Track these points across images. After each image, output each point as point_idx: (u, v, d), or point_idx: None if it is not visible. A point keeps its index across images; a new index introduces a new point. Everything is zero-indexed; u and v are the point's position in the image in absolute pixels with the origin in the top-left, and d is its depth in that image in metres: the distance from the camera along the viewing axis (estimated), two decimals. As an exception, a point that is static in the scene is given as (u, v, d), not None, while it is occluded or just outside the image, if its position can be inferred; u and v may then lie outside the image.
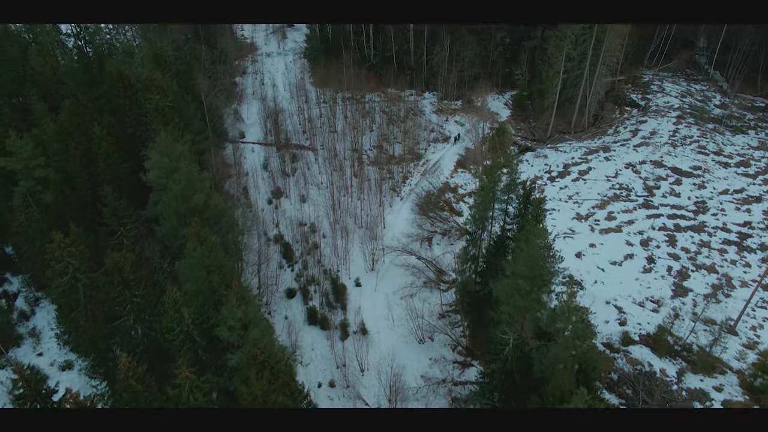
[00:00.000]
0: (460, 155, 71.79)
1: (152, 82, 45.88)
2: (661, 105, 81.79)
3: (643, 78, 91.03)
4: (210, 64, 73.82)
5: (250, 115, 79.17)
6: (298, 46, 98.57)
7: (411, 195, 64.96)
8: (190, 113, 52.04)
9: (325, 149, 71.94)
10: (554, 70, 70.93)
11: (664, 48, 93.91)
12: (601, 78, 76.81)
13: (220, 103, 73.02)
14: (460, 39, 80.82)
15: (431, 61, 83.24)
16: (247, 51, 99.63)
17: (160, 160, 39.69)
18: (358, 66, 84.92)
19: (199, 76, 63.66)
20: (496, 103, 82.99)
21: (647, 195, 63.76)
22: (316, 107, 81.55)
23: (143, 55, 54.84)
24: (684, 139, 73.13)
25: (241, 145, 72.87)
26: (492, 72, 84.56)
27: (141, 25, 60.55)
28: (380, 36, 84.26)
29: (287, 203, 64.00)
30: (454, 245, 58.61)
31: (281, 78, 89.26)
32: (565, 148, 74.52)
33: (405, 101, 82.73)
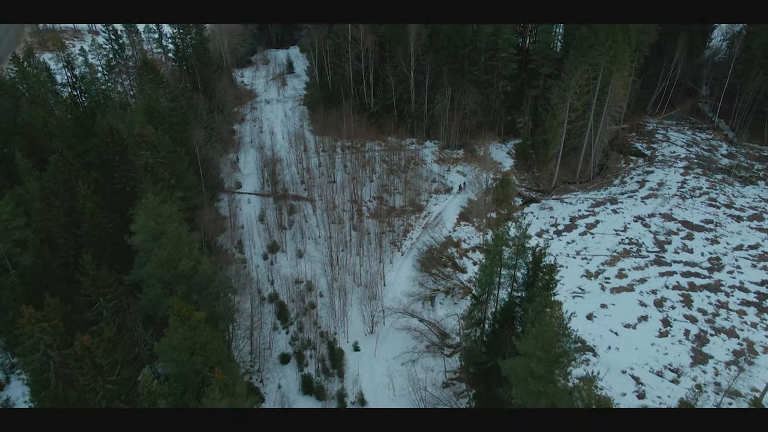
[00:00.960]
0: (463, 207, 69.55)
1: (143, 138, 43.93)
2: (668, 155, 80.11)
3: (647, 126, 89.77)
4: (207, 113, 72.47)
5: (248, 164, 77.41)
6: (297, 94, 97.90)
7: (412, 250, 62.37)
8: (183, 168, 50.03)
9: (323, 200, 69.78)
10: (558, 120, 69.46)
11: (667, 96, 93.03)
12: (605, 127, 75.33)
13: (217, 153, 71.34)
14: (462, 87, 79.80)
15: (432, 109, 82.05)
16: (246, 98, 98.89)
17: (146, 224, 37.29)
18: (358, 114, 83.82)
19: (194, 129, 62.04)
20: (498, 152, 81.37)
21: (658, 250, 61.17)
22: (315, 156, 79.88)
23: (136, 108, 53.24)
24: (693, 190, 71.06)
25: (238, 196, 70.75)
26: (494, 120, 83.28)
27: (137, 75, 59.21)
28: (381, 84, 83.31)
29: (283, 259, 61.34)
30: (458, 304, 55.69)
31: (280, 126, 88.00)
32: (570, 199, 72.36)
33: (406, 150, 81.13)
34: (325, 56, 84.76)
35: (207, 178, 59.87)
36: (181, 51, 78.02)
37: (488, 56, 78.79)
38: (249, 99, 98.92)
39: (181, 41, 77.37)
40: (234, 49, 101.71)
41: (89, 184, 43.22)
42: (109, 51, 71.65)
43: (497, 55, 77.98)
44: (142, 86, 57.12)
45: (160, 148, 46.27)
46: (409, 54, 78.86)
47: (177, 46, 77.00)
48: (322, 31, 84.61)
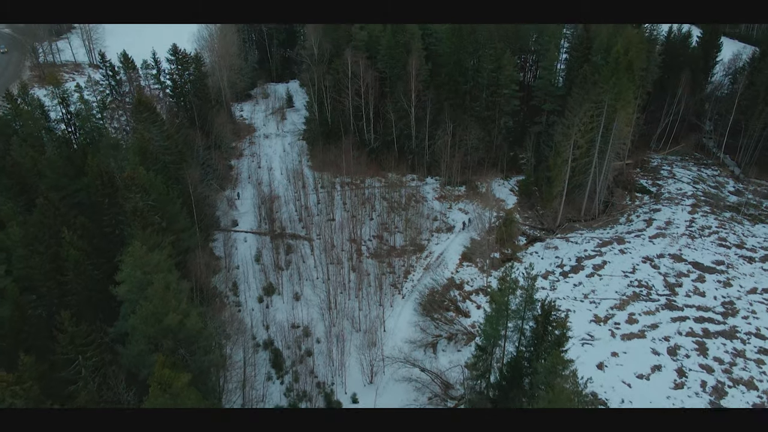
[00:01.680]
0: (466, 247, 67.48)
1: (133, 180, 42.17)
2: (674, 192, 78.44)
3: (652, 162, 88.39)
4: (204, 150, 71.06)
5: (245, 201, 75.65)
6: (296, 128, 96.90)
7: (413, 293, 60.06)
8: (175, 210, 48.16)
9: (322, 240, 67.75)
10: (562, 158, 67.96)
11: (671, 131, 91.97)
12: (609, 164, 73.83)
13: (213, 190, 69.62)
14: (463, 123, 78.64)
15: (433, 145, 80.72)
16: (245, 132, 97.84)
17: (131, 274, 35.18)
18: (358, 150, 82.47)
19: (189, 167, 60.46)
20: (501, 188, 79.73)
21: (669, 294, 58.86)
22: (314, 193, 78.22)
23: (129, 148, 51.67)
24: (702, 229, 69.11)
25: (234, 235, 68.78)
26: (496, 156, 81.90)
27: (132, 114, 57.85)
28: (381, 120, 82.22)
29: (279, 302, 58.98)
30: (461, 351, 53.14)
31: (278, 161, 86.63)
32: (576, 238, 70.33)
33: (406, 187, 79.53)
34: (325, 91, 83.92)
35: (201, 218, 57.99)
36: (179, 87, 77.08)
37: (490, 92, 77.88)
38: (248, 133, 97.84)
39: (179, 77, 76.48)
40: (233, 84, 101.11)
41: (75, 229, 41.26)
42: (105, 87, 70.64)
43: (499, 91, 77.02)
44: (137, 125, 55.71)
45: (152, 190, 44.48)
46: (410, 89, 77.95)
47: (175, 82, 76.07)
48: (322, 67, 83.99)
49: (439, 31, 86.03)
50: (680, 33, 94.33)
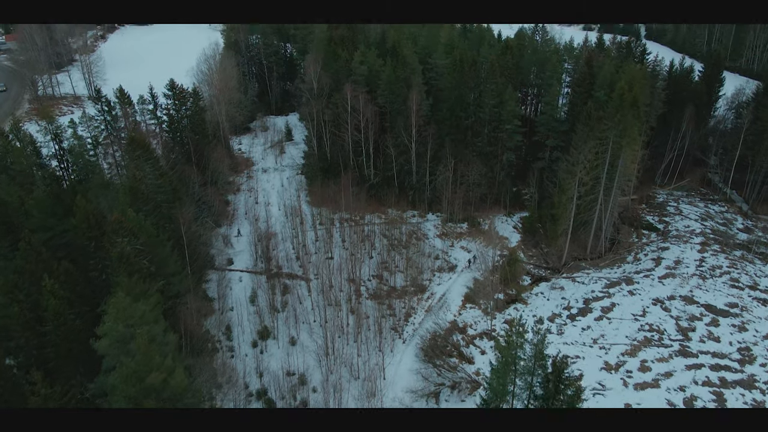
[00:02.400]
0: (468, 287, 65.12)
1: (120, 224, 40.15)
2: (682, 229, 76.42)
3: (657, 198, 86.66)
4: (200, 186, 69.30)
5: (241, 238, 73.52)
6: (295, 162, 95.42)
7: (414, 337, 57.46)
8: (165, 254, 46.02)
9: (319, 279, 65.40)
10: (567, 196, 66.16)
11: (676, 166, 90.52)
12: (615, 201, 72.03)
13: (208, 228, 67.60)
14: (465, 159, 77.16)
15: (434, 181, 79.04)
16: (243, 166, 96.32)
17: (113, 327, 32.85)
18: (357, 185, 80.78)
19: (184, 205, 58.57)
20: (504, 225, 77.73)
21: (682, 339, 56.25)
22: (312, 229, 76.19)
23: (119, 188, 49.79)
24: (713, 269, 66.82)
25: (228, 274, 66.46)
26: (499, 192, 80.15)
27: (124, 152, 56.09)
28: (381, 155, 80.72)
29: (274, 347, 56.30)
30: (465, 402, 50.29)
31: (276, 196, 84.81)
32: (582, 278, 67.97)
33: (407, 223, 77.55)
34: (324, 126, 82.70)
35: (194, 259, 55.80)
36: (176, 122, 75.81)
37: (492, 128, 76.59)
38: (246, 167, 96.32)
39: (176, 112, 75.28)
40: (232, 117, 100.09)
41: (58, 276, 39.05)
42: (100, 122, 69.30)
43: (501, 126, 75.72)
44: (129, 163, 54.05)
45: (140, 233, 42.44)
46: (410, 124, 76.68)
47: (171, 117, 74.82)
48: (321, 101, 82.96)
49: (440, 66, 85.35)
50: (682, 67, 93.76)
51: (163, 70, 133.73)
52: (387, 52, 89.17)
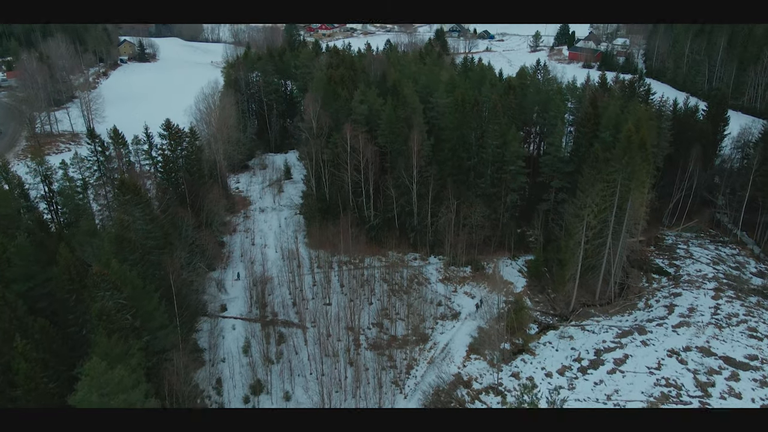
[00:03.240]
0: (473, 337, 61.96)
1: (102, 277, 37.52)
2: (693, 273, 73.56)
3: (666, 240, 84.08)
4: (194, 229, 66.90)
5: (236, 283, 70.72)
6: (293, 202, 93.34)
7: (416, 392, 54.06)
8: (152, 306, 43.24)
9: (316, 328, 62.32)
10: (575, 240, 63.66)
11: (684, 207, 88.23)
12: (624, 245, 69.45)
13: (201, 273, 64.88)
14: (467, 200, 75.01)
15: (436, 223, 76.68)
16: (240, 205, 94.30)
17: (86, 397, 29.85)
18: (357, 226, 78.44)
19: (175, 250, 56.04)
20: (509, 269, 74.95)
21: (702, 395, 52.79)
22: (309, 273, 73.44)
23: (105, 236, 47.30)
24: (729, 318, 63.71)
25: (221, 322, 63.43)
26: (503, 234, 77.63)
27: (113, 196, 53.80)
28: (381, 196, 78.60)
29: (267, 402, 52.88)
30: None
31: (273, 238, 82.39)
32: (592, 326, 64.83)
33: (408, 267, 74.83)
34: (323, 166, 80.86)
35: (184, 309, 52.89)
36: (172, 162, 73.95)
37: (495, 168, 74.64)
38: (243, 207, 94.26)
39: (171, 152, 73.48)
40: (230, 155, 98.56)
41: (33, 334, 36.21)
42: (93, 163, 67.41)
43: (505, 167, 73.79)
44: (117, 207, 51.79)
45: (125, 286, 39.76)
46: (411, 165, 74.79)
47: (166, 158, 72.96)
48: (321, 141, 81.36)
49: (441, 105, 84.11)
50: (686, 106, 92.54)
51: (163, 107, 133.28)
52: (387, 91, 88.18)
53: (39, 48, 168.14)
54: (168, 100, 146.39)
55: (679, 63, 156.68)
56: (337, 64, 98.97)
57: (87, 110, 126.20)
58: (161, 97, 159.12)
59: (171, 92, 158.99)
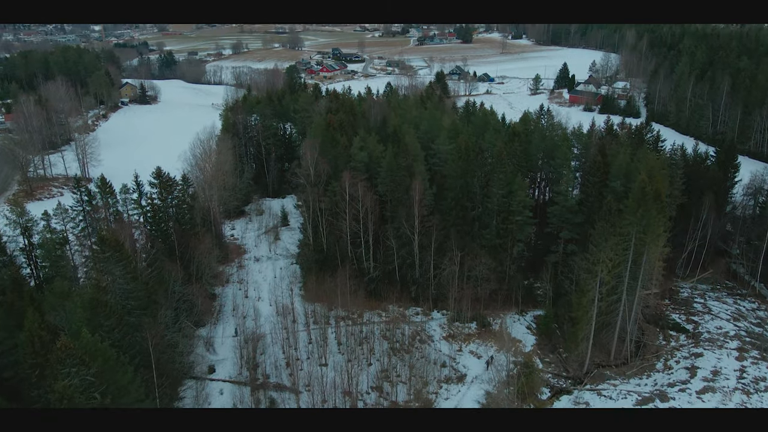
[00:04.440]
0: (480, 403, 57.12)
1: (67, 351, 33.42)
2: (713, 331, 69.12)
3: (681, 292, 79.86)
4: (182, 284, 62.92)
5: (225, 341, 66.29)
6: (289, 252, 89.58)
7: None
8: (125, 381, 38.91)
9: (311, 392, 57.60)
10: (588, 297, 59.55)
11: (698, 257, 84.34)
12: (640, 301, 65.31)
13: (187, 332, 60.56)
14: (472, 252, 71.25)
15: (439, 275, 72.68)
16: (234, 254, 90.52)
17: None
18: (356, 278, 74.51)
19: (159, 311, 51.93)
20: (517, 325, 70.53)
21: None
22: (305, 329, 69.07)
23: (77, 301, 43.35)
24: (756, 382, 59.04)
25: (208, 385, 58.75)
26: (510, 288, 73.50)
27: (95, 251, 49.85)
28: (381, 247, 74.89)
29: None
30: None
31: (268, 290, 78.21)
32: (609, 391, 60.02)
33: (410, 323, 70.44)
34: (321, 215, 77.46)
35: (165, 377, 48.38)
36: (162, 211, 70.56)
37: (501, 219, 71.18)
38: (237, 255, 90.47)
39: (161, 202, 70.18)
40: (226, 201, 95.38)
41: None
42: (77, 213, 64.04)
43: (511, 217, 70.32)
44: (95, 265, 48.06)
45: (95, 360, 35.60)
46: (413, 215, 71.36)
47: (155, 208, 69.58)
48: (318, 189, 78.23)
49: (444, 152, 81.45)
50: (696, 153, 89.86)
51: (160, 150, 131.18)
52: (388, 137, 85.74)
53: (39, 91, 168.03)
54: (166, 142, 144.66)
55: (681, 107, 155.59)
56: (337, 109, 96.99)
57: (82, 154, 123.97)
58: (159, 139, 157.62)
59: (170, 135, 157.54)
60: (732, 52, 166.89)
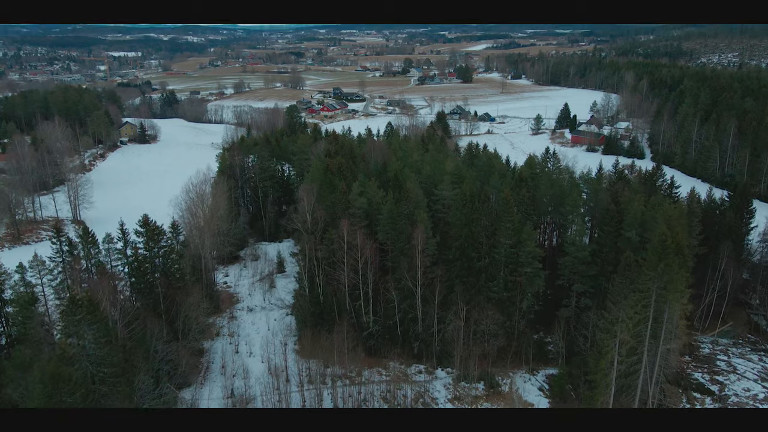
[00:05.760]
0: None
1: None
2: (741, 393, 63.85)
3: (702, 348, 74.71)
4: (165, 343, 58.09)
5: (212, 404, 60.91)
6: (284, 303, 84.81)
7: None
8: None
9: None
10: (607, 360, 54.64)
11: (718, 308, 79.57)
12: (662, 362, 60.31)
13: (170, 396, 55.39)
14: (479, 305, 66.64)
15: (443, 330, 67.88)
16: (226, 303, 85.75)
17: None
18: (355, 331, 69.64)
19: (137, 375, 47.04)
20: (528, 386, 65.23)
21: None
22: (298, 389, 63.81)
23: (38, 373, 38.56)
24: (795, 455, 53.38)
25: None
26: (519, 344, 68.51)
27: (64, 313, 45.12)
28: (381, 299, 70.26)
29: None
30: None
31: (260, 344, 73.14)
32: (632, 464, 54.36)
33: (412, 383, 65.18)
34: (317, 264, 73.08)
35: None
36: (148, 262, 66.23)
37: (509, 270, 66.82)
38: (229, 305, 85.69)
39: (148, 252, 65.94)
40: (219, 247, 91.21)
41: None
42: (56, 265, 59.77)
43: (520, 269, 65.98)
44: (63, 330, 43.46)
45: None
46: (415, 265, 67.04)
47: (140, 258, 65.21)
48: (315, 236, 74.14)
49: (447, 197, 77.75)
50: (710, 198, 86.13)
51: (155, 191, 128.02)
52: (389, 181, 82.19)
53: (35, 130, 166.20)
54: (162, 183, 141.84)
55: (687, 148, 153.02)
56: (336, 152, 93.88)
57: (74, 195, 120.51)
58: (155, 180, 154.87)
59: (166, 175, 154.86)
60: (735, 94, 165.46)
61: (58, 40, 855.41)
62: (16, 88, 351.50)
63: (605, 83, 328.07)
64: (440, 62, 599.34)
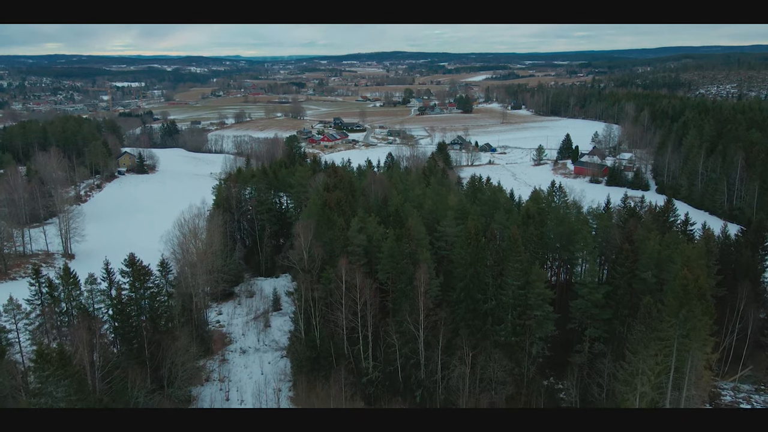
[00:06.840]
0: None
1: None
2: (770, 448, 59.01)
3: (723, 395, 70.12)
4: (148, 394, 53.79)
5: (197, 460, 56.25)
6: (279, 345, 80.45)
7: None
8: None
9: None
10: (626, 414, 50.25)
11: (737, 352, 75.24)
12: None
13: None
14: (485, 350, 62.52)
15: (448, 377, 63.54)
16: (218, 345, 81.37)
17: None
18: (353, 376, 65.40)
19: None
20: (539, 440, 60.50)
21: None
22: (292, 443, 59.00)
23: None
24: None
25: None
26: (529, 392, 64.09)
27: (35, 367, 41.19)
28: (381, 343, 66.11)
29: None
30: None
31: (252, 391, 68.71)
32: None
33: (414, 435, 60.51)
34: (314, 305, 69.17)
35: None
36: (133, 304, 62.31)
37: (517, 314, 62.86)
38: (221, 346, 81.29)
39: (133, 293, 62.10)
40: (212, 284, 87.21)
41: None
42: (33, 309, 55.91)
43: (528, 312, 62.05)
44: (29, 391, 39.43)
45: None
46: (417, 308, 63.11)
47: (123, 301, 61.30)
48: (312, 275, 70.40)
49: (451, 234, 74.27)
50: (725, 235, 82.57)
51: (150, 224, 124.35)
52: (389, 217, 78.89)
53: (30, 161, 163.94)
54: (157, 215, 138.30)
55: (693, 180, 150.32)
56: (335, 185, 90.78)
57: (65, 228, 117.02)
58: (151, 211, 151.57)
59: (163, 206, 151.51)
60: (740, 125, 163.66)
61: (63, 71, 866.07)
62: (18, 117, 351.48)
63: (605, 114, 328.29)
64: (440, 92, 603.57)
